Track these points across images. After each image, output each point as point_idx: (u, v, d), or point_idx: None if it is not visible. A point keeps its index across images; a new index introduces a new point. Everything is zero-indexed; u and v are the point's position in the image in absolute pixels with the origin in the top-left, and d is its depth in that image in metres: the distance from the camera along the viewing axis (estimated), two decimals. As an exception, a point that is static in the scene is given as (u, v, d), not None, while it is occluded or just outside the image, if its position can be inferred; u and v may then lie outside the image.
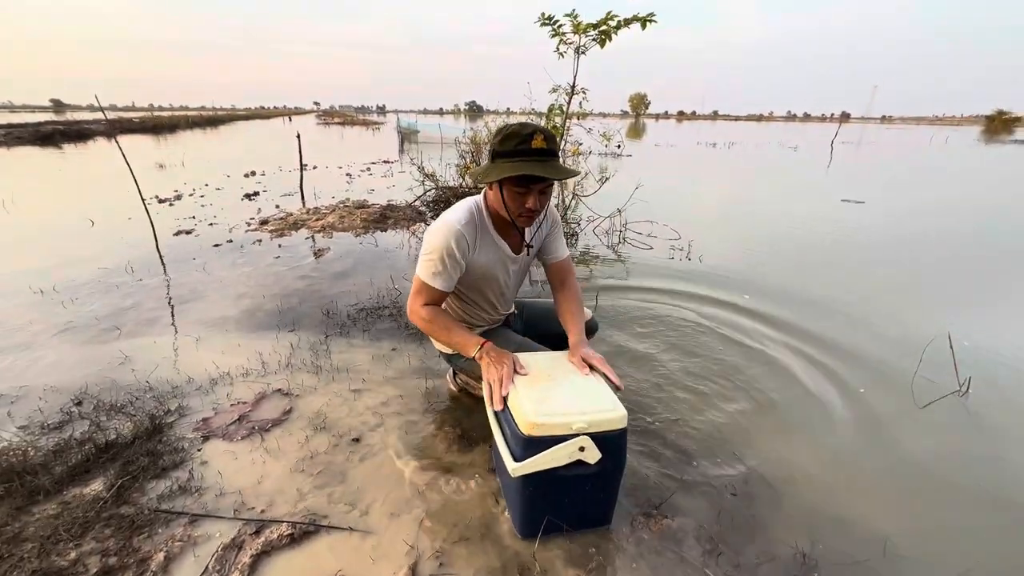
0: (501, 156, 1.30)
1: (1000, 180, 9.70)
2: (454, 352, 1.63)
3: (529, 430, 1.15)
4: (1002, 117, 47.09)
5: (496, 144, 1.31)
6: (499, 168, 1.29)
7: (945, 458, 1.65)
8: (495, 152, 1.32)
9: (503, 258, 1.53)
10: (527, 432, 1.16)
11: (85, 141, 16.25)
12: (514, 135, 1.28)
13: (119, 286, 3.06)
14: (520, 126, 1.30)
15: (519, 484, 1.21)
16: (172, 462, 1.55)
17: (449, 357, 1.72)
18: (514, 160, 1.28)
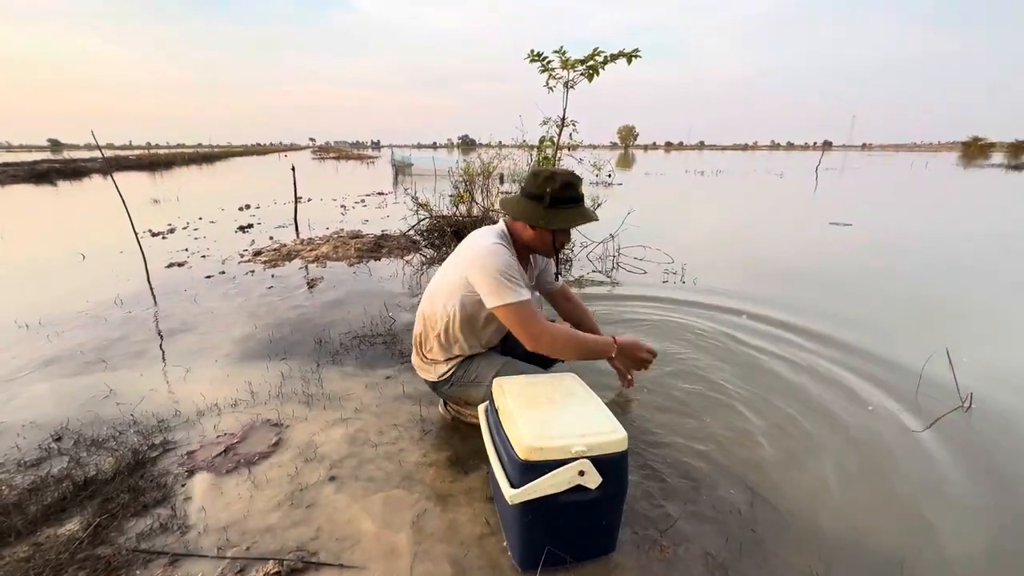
0: (563, 203, 1.47)
1: (982, 201, 9.94)
2: (439, 380, 1.65)
3: (527, 455, 1.11)
4: (978, 143, 48.61)
5: (556, 191, 1.46)
6: (569, 215, 1.48)
7: (955, 476, 1.61)
8: (555, 198, 1.46)
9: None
10: (524, 457, 1.11)
11: (80, 178, 16.37)
12: (568, 185, 1.47)
13: (107, 319, 3.00)
14: (569, 175, 1.48)
15: (517, 512, 1.15)
16: (154, 498, 1.47)
17: (435, 386, 1.71)
18: (573, 208, 1.49)
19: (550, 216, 1.47)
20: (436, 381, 1.68)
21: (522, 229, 1.54)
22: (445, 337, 1.62)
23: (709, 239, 5.83)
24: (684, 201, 10.33)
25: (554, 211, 1.47)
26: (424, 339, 1.67)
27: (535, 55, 5.18)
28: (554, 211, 1.47)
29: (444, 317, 1.57)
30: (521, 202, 1.52)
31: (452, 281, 1.54)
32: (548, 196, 1.46)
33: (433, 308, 1.60)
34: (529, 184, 1.51)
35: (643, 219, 5.67)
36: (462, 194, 5.43)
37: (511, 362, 1.64)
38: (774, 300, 3.30)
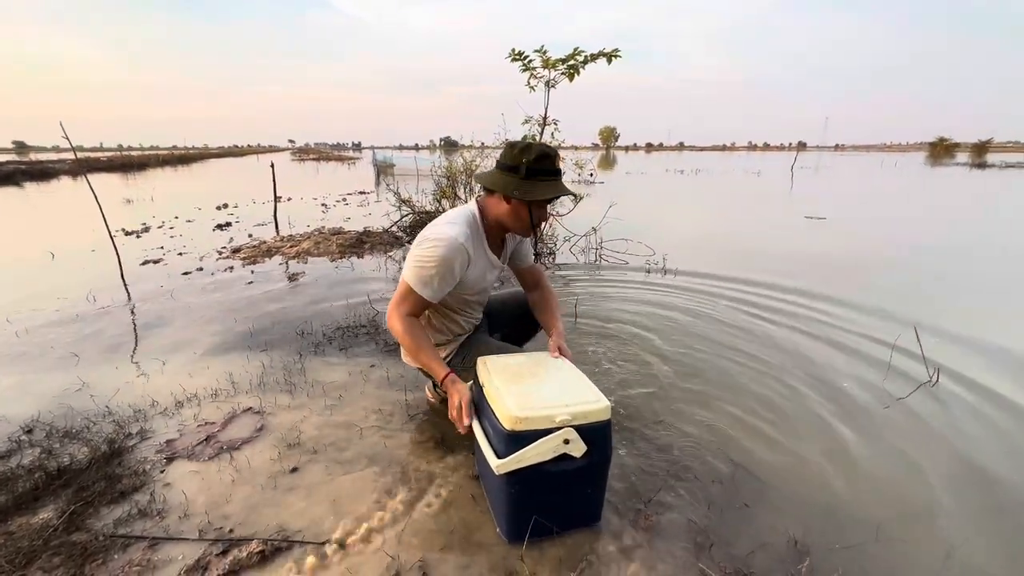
0: (538, 174, 1.37)
1: (947, 195, 10.32)
2: None
3: (512, 425, 1.12)
4: (943, 144, 50.46)
5: (532, 162, 1.36)
6: (547, 187, 1.37)
7: (923, 445, 1.67)
8: (530, 169, 1.36)
9: (491, 266, 1.55)
10: (510, 427, 1.12)
11: (48, 180, 15.82)
12: (545, 156, 1.37)
13: (79, 315, 2.91)
14: (544, 146, 1.38)
15: (503, 483, 1.17)
16: (132, 485, 1.44)
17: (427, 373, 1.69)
18: (550, 180, 1.39)
19: (526, 187, 1.37)
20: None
21: (496, 204, 1.45)
22: (432, 322, 1.60)
23: (690, 233, 5.92)
24: (665, 199, 10.48)
25: (531, 182, 1.37)
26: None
27: (516, 54, 5.21)
28: (531, 182, 1.37)
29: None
30: (496, 174, 1.43)
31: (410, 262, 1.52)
32: (524, 167, 1.36)
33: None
34: (505, 156, 1.41)
35: (624, 214, 5.74)
36: (444, 189, 5.42)
37: (504, 346, 1.63)
38: (750, 288, 3.38)
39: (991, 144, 46.84)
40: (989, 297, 3.33)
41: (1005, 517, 1.36)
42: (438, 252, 1.35)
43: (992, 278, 3.82)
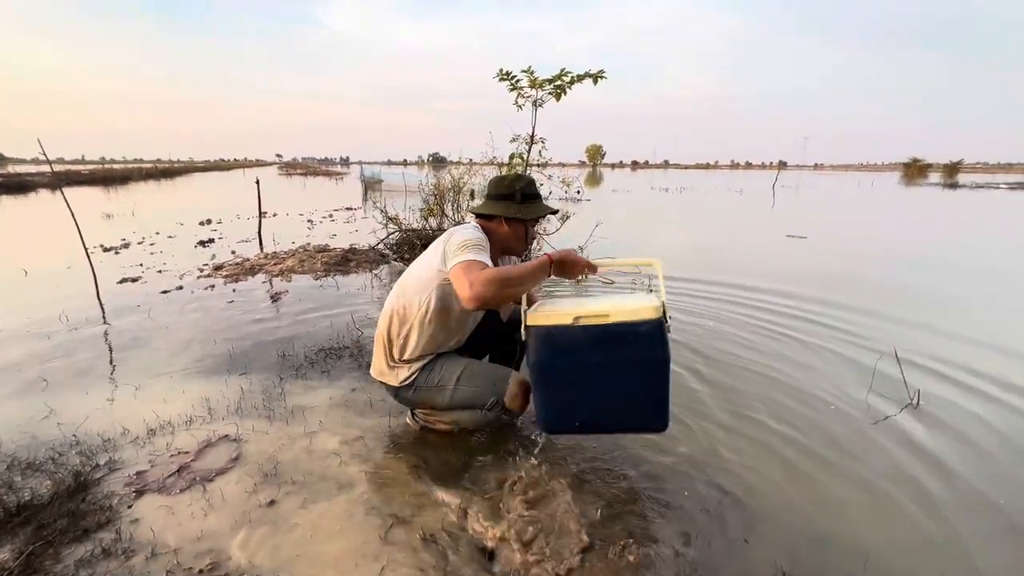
0: (529, 198, 1.61)
1: (921, 215, 10.64)
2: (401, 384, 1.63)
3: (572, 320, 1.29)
4: (917, 164, 52.24)
5: (524, 188, 1.61)
6: (539, 207, 1.63)
7: (908, 469, 1.68)
8: (524, 194, 1.60)
9: None
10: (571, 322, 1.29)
11: (26, 193, 15.48)
12: (531, 183, 1.64)
13: (50, 336, 2.82)
14: (529, 176, 1.68)
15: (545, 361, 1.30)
16: (97, 522, 1.37)
17: (396, 392, 1.69)
18: (538, 201, 1.65)
19: (524, 209, 1.60)
20: (398, 386, 1.65)
21: (496, 227, 1.62)
22: (418, 331, 1.58)
23: (674, 250, 5.99)
24: (650, 216, 10.63)
25: (526, 205, 1.61)
26: (392, 337, 1.63)
27: (504, 74, 5.29)
28: (526, 205, 1.61)
29: (419, 308, 1.56)
30: (493, 203, 1.63)
31: (426, 274, 1.56)
32: (519, 192, 1.60)
33: (405, 301, 1.59)
34: (497, 187, 1.63)
35: (611, 232, 5.80)
36: (432, 207, 5.42)
37: (473, 363, 1.66)
38: (736, 303, 3.41)
39: (962, 165, 48.63)
40: (968, 313, 3.40)
41: (995, 544, 1.36)
42: (474, 235, 1.47)
43: (969, 294, 3.91)
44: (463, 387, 1.61)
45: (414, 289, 1.58)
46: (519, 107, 5.49)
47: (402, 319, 1.60)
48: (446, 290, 1.52)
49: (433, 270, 1.54)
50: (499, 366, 1.71)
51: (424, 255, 1.64)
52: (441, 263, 1.49)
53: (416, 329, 1.59)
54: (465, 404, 1.63)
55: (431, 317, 1.57)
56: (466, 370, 1.62)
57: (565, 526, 1.35)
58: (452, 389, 1.61)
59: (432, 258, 1.57)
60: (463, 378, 1.61)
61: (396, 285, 1.66)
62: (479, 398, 1.61)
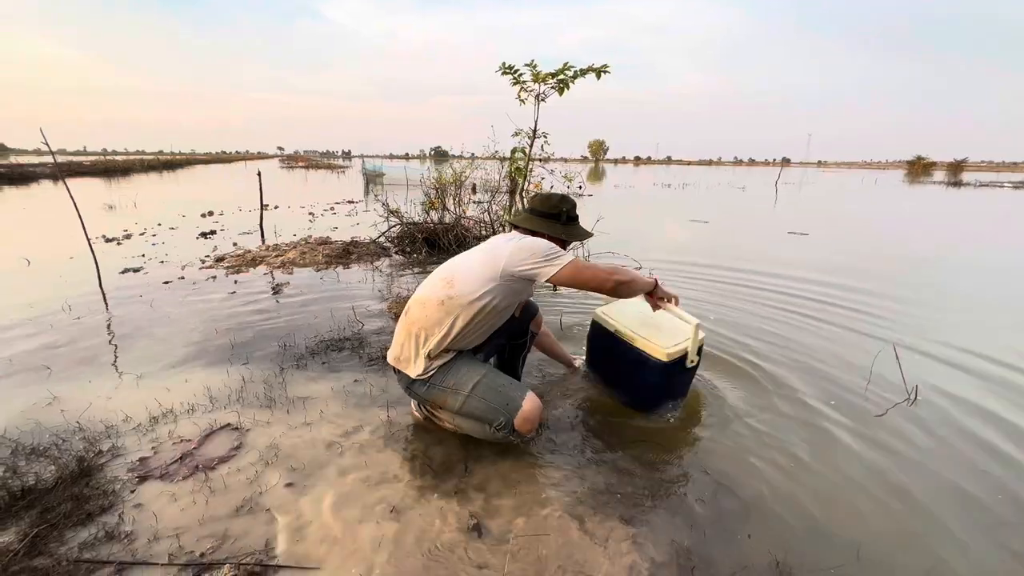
0: (572, 220, 1.77)
1: (925, 213, 10.61)
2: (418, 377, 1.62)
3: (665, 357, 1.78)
4: (921, 162, 51.90)
5: (570, 210, 1.75)
6: (581, 230, 1.79)
7: (902, 464, 1.69)
8: (569, 217, 1.74)
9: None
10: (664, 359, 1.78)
11: (28, 184, 15.48)
12: (575, 205, 1.78)
13: (53, 325, 2.84)
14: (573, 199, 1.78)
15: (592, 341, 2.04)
16: (100, 507, 1.39)
17: (410, 385, 1.67)
18: (577, 224, 1.79)
19: (569, 231, 1.73)
20: (415, 378, 1.62)
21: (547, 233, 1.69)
22: (461, 322, 1.55)
23: (675, 247, 5.99)
24: (652, 212, 10.61)
25: (570, 227, 1.74)
26: (426, 325, 1.58)
27: (507, 68, 5.27)
28: (570, 227, 1.74)
29: (470, 301, 1.53)
30: (538, 219, 1.72)
31: (485, 272, 1.55)
32: (564, 215, 1.72)
33: (454, 292, 1.55)
34: (542, 205, 1.73)
35: (612, 228, 5.80)
36: (434, 201, 5.42)
37: (491, 373, 1.62)
38: (734, 303, 3.42)
39: (966, 163, 48.36)
40: (968, 311, 3.40)
41: (986, 536, 1.38)
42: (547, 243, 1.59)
43: (972, 292, 3.91)
44: (476, 398, 1.57)
45: (467, 281, 1.55)
46: (522, 101, 5.47)
47: (448, 309, 1.55)
48: (501, 290, 1.55)
49: (495, 268, 1.54)
50: (515, 383, 1.65)
51: (477, 253, 1.65)
52: (510, 265, 1.53)
53: (460, 320, 1.55)
54: (475, 416, 1.60)
55: (481, 312, 1.54)
56: (482, 381, 1.58)
57: (558, 512, 1.37)
58: (466, 396, 1.57)
59: (491, 258, 1.57)
60: (478, 389, 1.57)
61: (439, 276, 1.63)
62: (489, 414, 1.57)
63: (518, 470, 1.60)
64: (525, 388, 1.62)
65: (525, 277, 1.55)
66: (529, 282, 1.58)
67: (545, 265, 1.53)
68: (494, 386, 1.59)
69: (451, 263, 1.68)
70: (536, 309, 2.01)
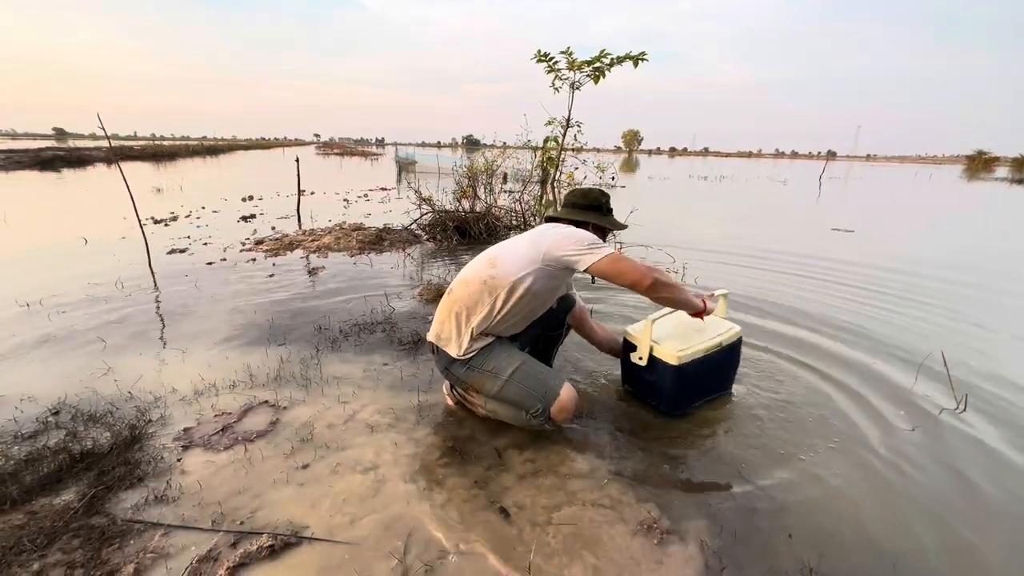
0: (610, 211, 1.82)
1: (982, 214, 9.95)
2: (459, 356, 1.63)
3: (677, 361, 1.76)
4: (982, 157, 48.49)
5: (608, 202, 1.82)
6: (617, 220, 1.83)
7: (947, 475, 1.61)
8: (608, 208, 1.81)
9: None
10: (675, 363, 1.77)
11: (84, 167, 16.40)
12: (610, 198, 1.83)
13: (107, 300, 3.01)
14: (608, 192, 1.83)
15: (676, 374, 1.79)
16: (150, 472, 1.48)
17: (449, 365, 1.68)
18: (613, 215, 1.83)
19: (609, 221, 1.80)
20: (455, 358, 1.64)
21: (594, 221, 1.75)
22: (502, 303, 1.58)
23: (710, 241, 5.83)
24: (686, 205, 10.34)
25: (609, 217, 1.81)
26: (470, 304, 1.61)
27: (542, 55, 5.20)
28: (609, 217, 1.81)
29: (512, 282, 1.57)
30: (580, 211, 1.78)
31: (529, 254, 1.60)
32: (604, 206, 1.80)
33: (497, 272, 1.59)
34: (583, 198, 1.80)
35: (646, 220, 5.69)
36: (465, 189, 5.44)
37: (529, 361, 1.65)
38: (774, 301, 3.31)
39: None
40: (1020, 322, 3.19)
41: None
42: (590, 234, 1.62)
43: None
44: (514, 384, 1.60)
45: (510, 262, 1.60)
46: (556, 89, 5.39)
47: (491, 288, 1.59)
48: (543, 273, 1.59)
49: (538, 252, 1.58)
50: (554, 372, 1.71)
51: (523, 239, 1.69)
52: (552, 249, 1.57)
53: (501, 300, 1.58)
54: (512, 401, 1.63)
55: (521, 294, 1.57)
56: (521, 367, 1.60)
57: (586, 503, 1.37)
58: (504, 381, 1.60)
59: (535, 242, 1.62)
60: (517, 374, 1.59)
61: (483, 257, 1.69)
62: (527, 400, 1.59)
63: (548, 459, 1.60)
64: (563, 377, 1.66)
65: (565, 264, 1.57)
66: (568, 272, 1.61)
67: (586, 253, 1.54)
68: (533, 373, 1.61)
69: (497, 246, 1.73)
70: (574, 301, 2.00)
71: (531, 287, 1.58)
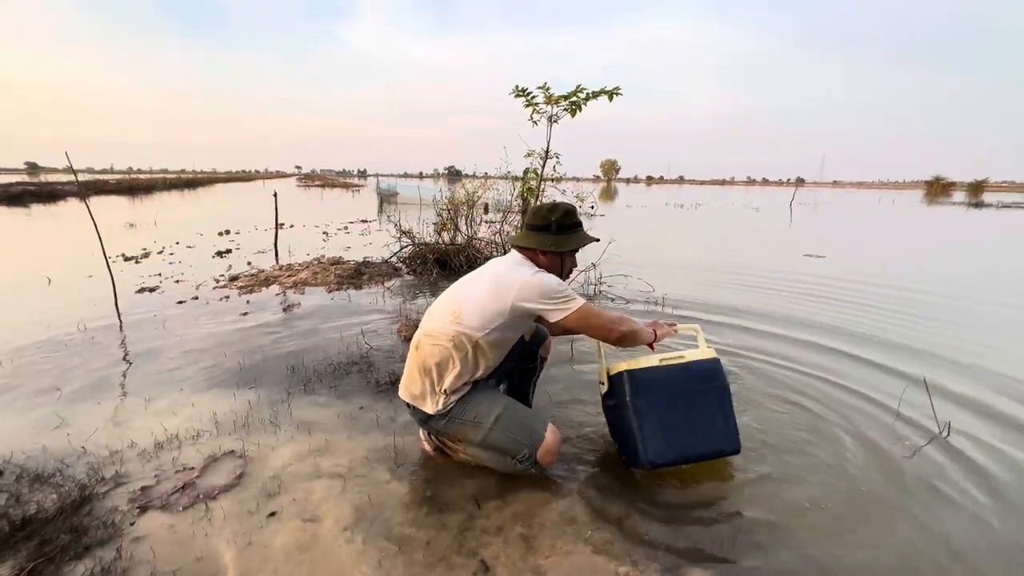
0: (565, 229, 1.61)
1: (943, 235, 10.38)
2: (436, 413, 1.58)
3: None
4: (940, 182, 51.12)
5: (560, 219, 1.60)
6: (576, 237, 1.62)
7: (938, 503, 1.59)
8: (560, 225, 1.59)
9: None
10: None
11: (56, 202, 16.00)
12: (568, 212, 1.62)
13: (67, 344, 2.86)
14: (566, 204, 1.63)
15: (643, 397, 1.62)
16: (99, 538, 1.36)
17: (427, 420, 1.63)
18: (576, 231, 1.63)
19: (560, 241, 1.59)
20: (432, 414, 1.59)
21: (534, 258, 1.61)
22: (473, 359, 1.53)
23: (688, 270, 5.91)
24: (665, 233, 10.55)
25: (562, 236, 1.60)
26: (441, 363, 1.55)
27: (520, 91, 5.32)
28: (562, 236, 1.60)
29: (482, 336, 1.50)
30: (529, 234, 1.62)
31: (492, 306, 1.50)
32: (554, 224, 1.59)
33: (463, 329, 1.51)
34: (533, 218, 1.62)
35: (625, 249, 5.75)
36: (445, 222, 5.45)
37: (511, 405, 1.61)
38: (751, 327, 3.33)
39: (987, 183, 47.54)
40: (996, 339, 3.27)
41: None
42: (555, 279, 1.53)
43: (1000, 322, 3.77)
44: (498, 431, 1.55)
45: (475, 316, 1.51)
46: (534, 123, 5.51)
47: (458, 345, 1.52)
48: (510, 323, 1.52)
49: (503, 304, 1.48)
50: (536, 414, 1.66)
51: (483, 285, 1.56)
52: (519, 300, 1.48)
53: (471, 357, 1.53)
54: (496, 448, 1.58)
55: (491, 346, 1.53)
56: (504, 413, 1.56)
57: (572, 554, 1.31)
58: (488, 428, 1.55)
59: (498, 290, 1.51)
60: (501, 421, 1.55)
61: (446, 309, 1.57)
62: (512, 446, 1.55)
63: (530, 506, 1.53)
64: (545, 420, 1.63)
65: (534, 315, 1.54)
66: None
67: (554, 309, 1.48)
68: (516, 418, 1.58)
69: (455, 293, 1.62)
70: (545, 335, 1.96)
71: (503, 336, 1.54)
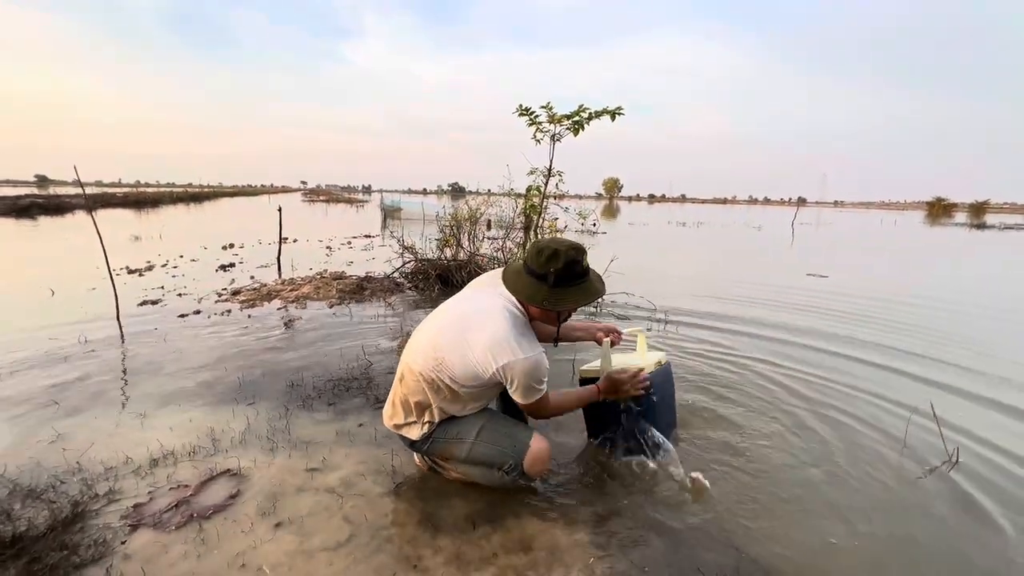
0: (565, 281, 1.42)
1: (947, 257, 10.36)
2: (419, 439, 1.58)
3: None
4: (941, 203, 51.30)
5: (560, 271, 1.40)
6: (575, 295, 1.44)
7: (952, 531, 1.55)
8: (559, 278, 1.40)
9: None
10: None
11: (63, 214, 16.17)
12: (574, 262, 1.42)
13: (67, 358, 2.86)
14: (573, 251, 1.42)
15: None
16: (89, 557, 1.34)
17: (412, 445, 1.63)
18: (578, 284, 1.44)
19: (555, 297, 1.41)
20: (416, 440, 1.59)
21: (527, 304, 1.49)
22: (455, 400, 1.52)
23: (691, 288, 5.90)
24: (667, 251, 10.57)
25: (559, 291, 1.42)
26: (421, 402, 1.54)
27: (523, 110, 5.40)
28: (559, 291, 1.42)
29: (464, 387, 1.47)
30: (524, 279, 1.45)
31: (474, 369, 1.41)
32: (552, 276, 1.40)
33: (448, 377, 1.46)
34: (532, 260, 1.44)
35: (627, 267, 5.75)
36: (448, 238, 5.47)
37: (493, 417, 1.60)
38: (754, 350, 3.31)
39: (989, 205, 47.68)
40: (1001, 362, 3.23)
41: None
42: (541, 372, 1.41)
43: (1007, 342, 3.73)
44: (481, 443, 1.53)
45: (456, 367, 1.44)
46: (537, 141, 5.58)
47: (440, 389, 1.49)
48: (490, 385, 1.49)
49: (484, 370, 1.40)
50: (520, 424, 1.63)
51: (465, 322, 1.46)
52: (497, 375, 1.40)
53: (453, 400, 1.52)
54: (481, 461, 1.56)
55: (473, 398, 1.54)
56: (486, 425, 1.55)
57: None
58: (471, 442, 1.54)
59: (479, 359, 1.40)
60: (483, 433, 1.54)
61: (430, 347, 1.48)
62: (497, 457, 1.54)
63: (527, 524, 1.50)
64: (531, 429, 1.60)
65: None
66: None
67: (520, 393, 1.41)
68: (499, 429, 1.56)
69: (441, 331, 1.49)
70: None
71: (482, 392, 1.53)
